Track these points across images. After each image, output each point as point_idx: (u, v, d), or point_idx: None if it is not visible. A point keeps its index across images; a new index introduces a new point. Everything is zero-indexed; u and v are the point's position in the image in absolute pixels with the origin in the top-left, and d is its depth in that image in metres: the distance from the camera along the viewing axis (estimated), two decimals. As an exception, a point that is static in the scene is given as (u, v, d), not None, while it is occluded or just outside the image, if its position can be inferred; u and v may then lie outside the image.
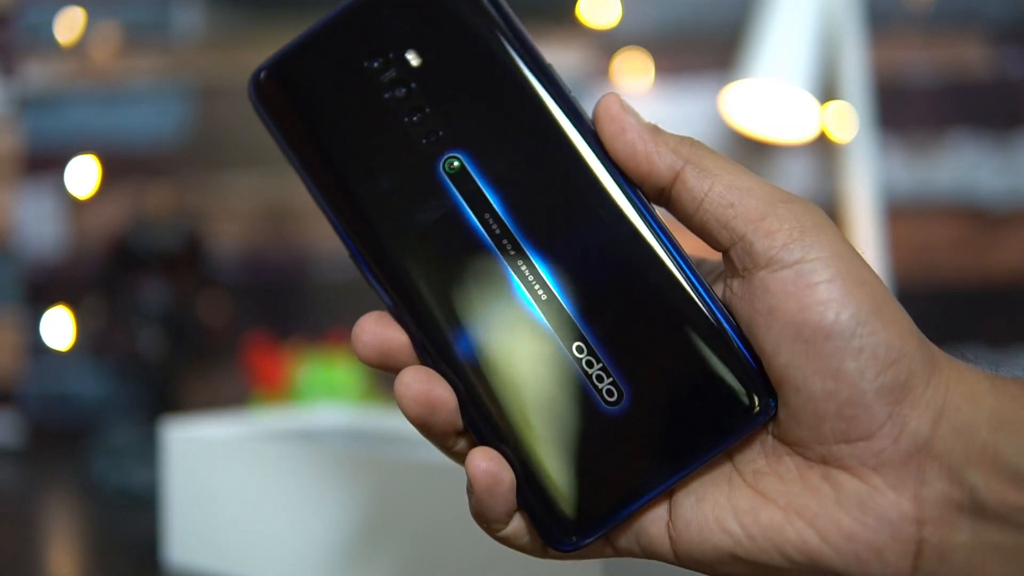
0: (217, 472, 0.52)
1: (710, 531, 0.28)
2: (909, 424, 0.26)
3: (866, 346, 0.26)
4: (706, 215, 0.28)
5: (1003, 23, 0.95)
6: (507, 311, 0.28)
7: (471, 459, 0.28)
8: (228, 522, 0.52)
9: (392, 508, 0.46)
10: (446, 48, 0.30)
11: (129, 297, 0.87)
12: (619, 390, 0.28)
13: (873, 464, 0.26)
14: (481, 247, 0.29)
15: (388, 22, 0.30)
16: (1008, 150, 0.94)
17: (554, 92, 0.29)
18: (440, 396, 0.28)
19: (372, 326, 0.29)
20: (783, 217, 0.27)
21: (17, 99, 1.06)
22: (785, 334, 0.26)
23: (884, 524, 0.26)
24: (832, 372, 0.26)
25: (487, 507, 0.28)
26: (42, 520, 0.70)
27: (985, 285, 0.94)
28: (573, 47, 0.98)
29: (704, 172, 0.28)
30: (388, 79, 0.30)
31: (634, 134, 0.29)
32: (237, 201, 1.03)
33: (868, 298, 0.26)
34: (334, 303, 1.01)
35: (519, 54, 0.30)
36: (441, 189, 0.29)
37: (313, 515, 0.48)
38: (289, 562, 0.49)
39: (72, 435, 1.01)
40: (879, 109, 0.93)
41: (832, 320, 0.26)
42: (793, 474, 0.27)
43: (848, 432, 0.26)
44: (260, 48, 1.01)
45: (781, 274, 0.27)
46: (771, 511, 0.27)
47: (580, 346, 0.28)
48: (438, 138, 0.29)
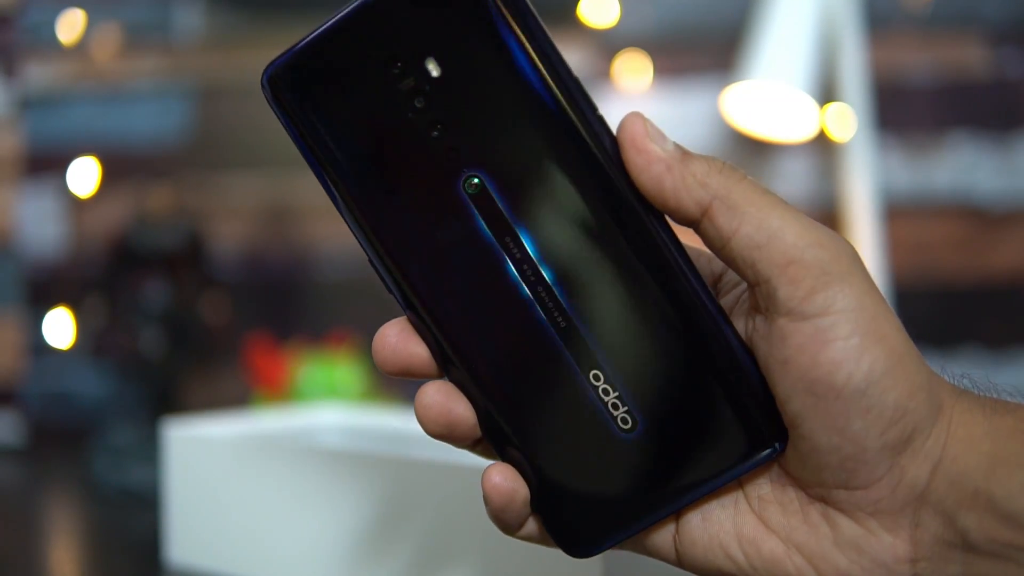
0: (218, 472, 0.53)
1: (714, 555, 0.29)
2: (907, 474, 0.27)
3: (874, 407, 0.26)
4: (733, 253, 0.27)
5: (1002, 24, 0.95)
6: (527, 334, 0.29)
7: (487, 476, 0.29)
8: (229, 522, 0.52)
9: (392, 508, 0.46)
10: (467, 58, 0.28)
11: (130, 297, 0.87)
12: (633, 419, 0.29)
13: (870, 511, 0.27)
14: (502, 269, 0.29)
15: (409, 24, 0.28)
16: (1007, 150, 0.94)
17: (580, 113, 0.28)
18: (460, 415, 0.29)
19: (393, 340, 0.29)
20: (810, 265, 0.26)
21: (18, 99, 1.06)
22: (798, 387, 0.27)
23: (879, 566, 0.27)
24: (839, 429, 0.27)
25: (501, 520, 0.29)
26: (43, 519, 0.71)
27: (984, 285, 0.94)
28: (574, 48, 0.98)
29: (733, 210, 0.27)
30: (406, 88, 0.28)
31: (661, 167, 0.28)
32: (238, 201, 1.03)
33: (884, 355, 0.26)
34: (335, 303, 1.01)
35: (545, 69, 0.28)
36: (462, 208, 0.28)
37: (313, 515, 0.49)
38: (289, 562, 0.50)
39: (73, 435, 1.01)
40: (878, 109, 0.93)
41: (843, 382, 0.26)
42: (795, 506, 0.29)
43: (847, 482, 0.27)
44: (261, 49, 1.02)
45: (800, 326, 0.26)
46: (773, 544, 0.28)
47: (597, 374, 0.29)
48: (457, 155, 0.28)
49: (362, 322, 0.94)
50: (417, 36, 0.28)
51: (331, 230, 1.01)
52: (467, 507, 0.44)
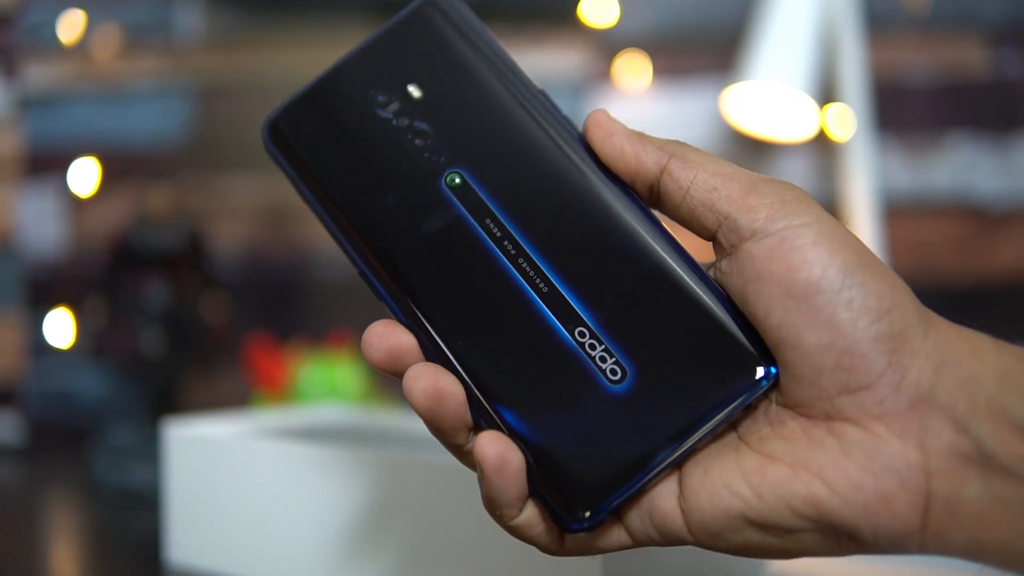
0: (218, 472, 0.53)
1: (719, 496, 0.28)
2: (909, 373, 0.26)
3: (856, 297, 0.27)
4: (692, 201, 0.29)
5: (1001, 24, 0.95)
6: (511, 304, 0.30)
7: (479, 442, 0.28)
8: (229, 522, 0.52)
9: (393, 508, 0.46)
10: (442, 80, 0.33)
11: (130, 297, 0.87)
12: (622, 369, 0.29)
13: (876, 413, 0.26)
14: (484, 249, 0.31)
15: (390, 62, 0.33)
16: (1006, 151, 0.94)
17: (540, 108, 0.32)
18: (448, 388, 0.29)
19: (381, 329, 0.31)
20: (764, 193, 0.28)
21: (18, 99, 1.06)
22: (775, 295, 0.27)
23: (891, 472, 0.26)
24: (825, 324, 0.27)
25: (498, 489, 0.28)
26: (43, 519, 0.71)
27: (983, 285, 0.94)
28: (574, 49, 0.98)
29: (688, 163, 0.30)
30: (392, 111, 0.33)
31: (621, 137, 0.31)
32: (238, 201, 1.03)
33: (854, 255, 0.27)
34: (335, 303, 1.01)
35: (505, 78, 0.33)
36: (444, 202, 0.32)
37: (314, 515, 0.49)
38: (290, 562, 0.50)
39: (73, 434, 1.01)
40: (878, 109, 0.94)
41: (820, 274, 0.27)
42: (798, 434, 0.28)
43: (848, 382, 0.27)
44: (261, 49, 1.02)
45: (766, 241, 0.28)
46: (778, 468, 0.27)
47: (582, 331, 0.30)
48: (440, 158, 0.32)
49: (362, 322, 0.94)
50: (397, 69, 0.33)
51: (331, 230, 1.01)
52: (467, 507, 0.44)
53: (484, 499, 0.29)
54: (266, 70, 1.02)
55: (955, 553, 0.27)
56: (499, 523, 0.30)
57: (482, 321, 0.30)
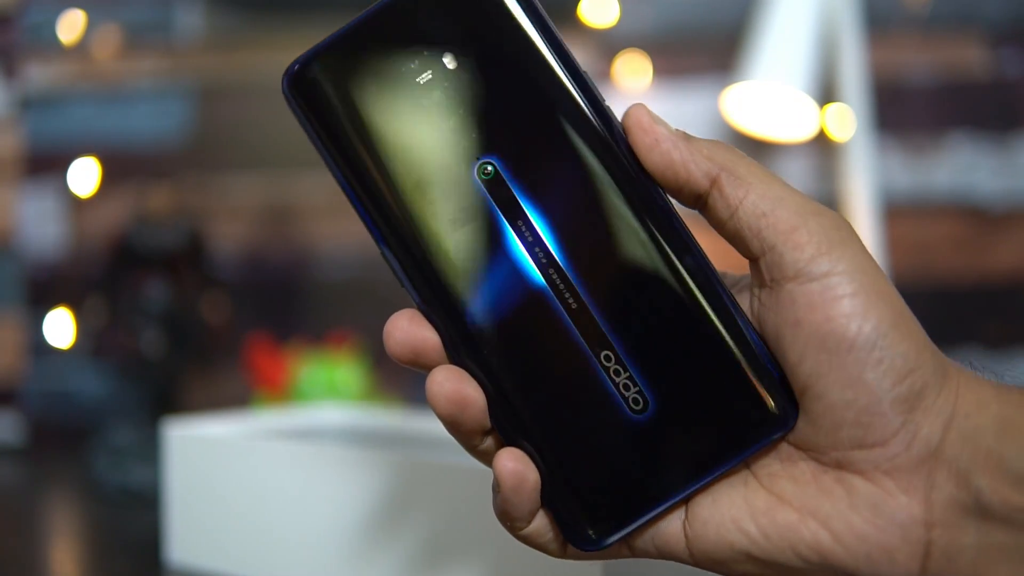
0: (218, 472, 0.53)
1: (727, 530, 0.28)
2: (921, 431, 0.27)
3: (885, 358, 0.27)
4: (739, 223, 0.29)
5: (1001, 24, 0.95)
6: (538, 316, 0.29)
7: (499, 459, 0.29)
8: (229, 522, 0.52)
9: (393, 508, 0.46)
10: (482, 52, 0.29)
11: (130, 297, 0.87)
12: (644, 399, 0.29)
13: (886, 469, 0.27)
14: (513, 253, 0.29)
15: (425, 22, 0.30)
16: (1006, 151, 0.94)
17: (587, 101, 0.29)
18: (471, 395, 0.29)
19: (405, 324, 0.30)
20: (813, 231, 0.28)
21: (18, 99, 1.06)
22: (810, 345, 0.27)
23: (895, 526, 0.27)
24: (852, 381, 0.27)
25: (512, 506, 0.29)
26: (43, 519, 0.71)
27: (983, 285, 0.94)
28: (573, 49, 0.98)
29: (739, 180, 0.29)
30: (424, 80, 0.29)
31: (669, 144, 0.29)
32: (238, 201, 1.03)
33: (888, 311, 0.27)
34: (335, 303, 1.01)
35: (554, 61, 0.30)
36: (475, 194, 0.29)
37: (314, 515, 0.49)
38: (290, 562, 0.50)
39: (73, 434, 1.01)
40: (878, 109, 0.93)
41: (855, 332, 0.27)
42: (807, 477, 0.28)
43: (864, 438, 0.27)
44: (261, 49, 1.02)
45: (808, 287, 0.28)
46: (787, 512, 0.28)
47: (608, 354, 0.29)
48: (471, 142, 0.29)
49: (362, 322, 0.94)
50: (434, 32, 0.29)
51: (331, 230, 1.01)
52: (468, 508, 0.44)
53: (497, 510, 0.30)
54: (266, 70, 1.02)
55: None
56: (508, 531, 0.30)
57: (507, 328, 0.29)
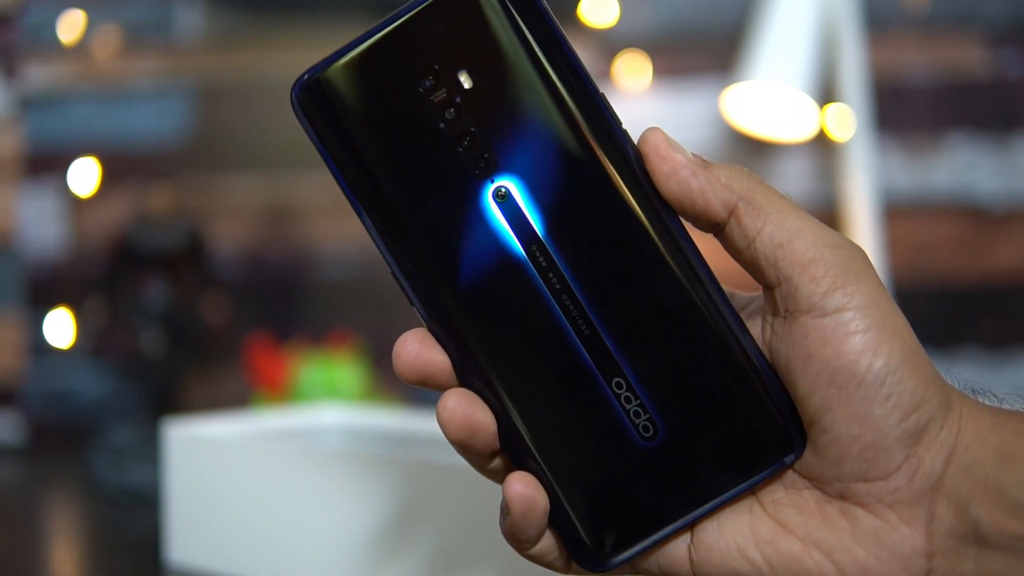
0: (218, 472, 0.53)
1: (731, 557, 0.29)
2: (924, 464, 0.28)
3: (893, 394, 0.27)
4: (756, 252, 0.29)
5: (1001, 24, 0.95)
6: (550, 342, 0.29)
7: (509, 484, 0.29)
8: (229, 522, 0.52)
9: (393, 508, 0.46)
10: (498, 72, 0.29)
11: (130, 297, 0.87)
12: (654, 426, 0.29)
13: (888, 501, 0.28)
14: (526, 278, 0.29)
15: (441, 39, 0.29)
16: (1006, 150, 0.94)
17: (603, 125, 0.29)
18: (482, 421, 0.29)
19: (415, 347, 0.29)
20: (829, 264, 0.28)
21: (18, 99, 1.06)
22: (821, 379, 0.28)
23: (898, 558, 0.28)
24: (860, 417, 0.27)
25: (521, 530, 0.29)
26: (43, 519, 0.71)
27: (983, 285, 0.94)
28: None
29: (757, 210, 0.29)
30: (438, 99, 0.29)
31: (687, 172, 0.29)
32: (238, 201, 1.03)
33: (899, 348, 0.28)
34: (335, 303, 1.01)
35: (571, 83, 0.29)
36: (489, 217, 0.29)
37: (313, 515, 0.49)
38: (290, 562, 0.50)
39: (74, 434, 1.01)
40: (878, 109, 0.93)
41: (865, 369, 0.27)
42: (811, 506, 0.29)
43: (867, 472, 0.28)
44: (261, 49, 1.02)
45: (822, 321, 0.28)
46: (791, 542, 0.29)
47: (619, 381, 0.29)
48: (486, 164, 0.29)
49: (362, 322, 0.94)
50: (450, 50, 0.29)
51: (331, 230, 1.01)
52: (468, 508, 0.44)
53: (504, 532, 0.30)
54: (266, 70, 1.02)
55: None
56: (515, 550, 0.31)
57: (519, 354, 0.29)
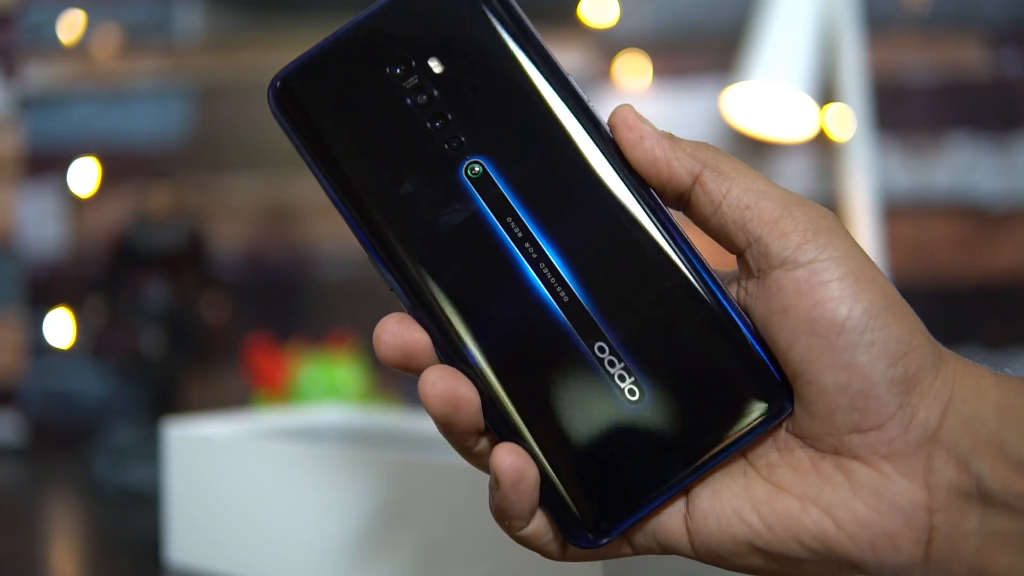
0: (218, 472, 0.53)
1: (728, 522, 0.28)
2: (918, 414, 0.27)
3: (877, 340, 0.27)
4: (724, 217, 0.29)
5: (1001, 24, 0.95)
6: (530, 311, 0.29)
7: (496, 455, 0.28)
8: (229, 522, 0.52)
9: (393, 508, 0.46)
10: (467, 56, 0.30)
11: (130, 297, 0.87)
12: (640, 389, 0.29)
13: (884, 453, 0.27)
14: (504, 250, 0.29)
15: (410, 29, 0.30)
16: (1006, 150, 0.94)
17: (572, 100, 0.30)
18: (465, 395, 0.28)
19: (394, 326, 0.29)
20: (797, 219, 0.28)
21: (18, 99, 1.06)
22: (799, 330, 0.27)
23: (897, 511, 0.27)
24: (845, 365, 0.27)
25: (512, 503, 0.28)
26: (43, 519, 0.71)
27: (983, 285, 0.94)
28: (573, 49, 0.98)
29: (722, 175, 0.29)
30: (410, 85, 0.30)
31: (652, 141, 0.30)
32: (238, 201, 1.03)
33: (879, 295, 0.27)
34: (335, 303, 1.01)
35: (538, 63, 0.30)
36: (463, 194, 0.29)
37: (314, 515, 0.49)
38: (290, 562, 0.50)
39: (73, 434, 1.01)
40: (878, 109, 0.93)
41: (845, 315, 0.27)
42: (806, 465, 0.28)
43: (860, 422, 0.27)
44: (261, 49, 1.02)
45: (795, 273, 0.28)
46: (787, 501, 0.28)
47: (602, 346, 0.29)
48: (460, 144, 0.30)
49: (362, 322, 0.94)
50: (420, 38, 0.30)
51: (331, 230, 1.01)
52: (467, 508, 0.44)
53: (494, 509, 0.29)
54: (266, 70, 1.02)
55: None
56: (507, 532, 0.30)
57: (499, 326, 0.29)
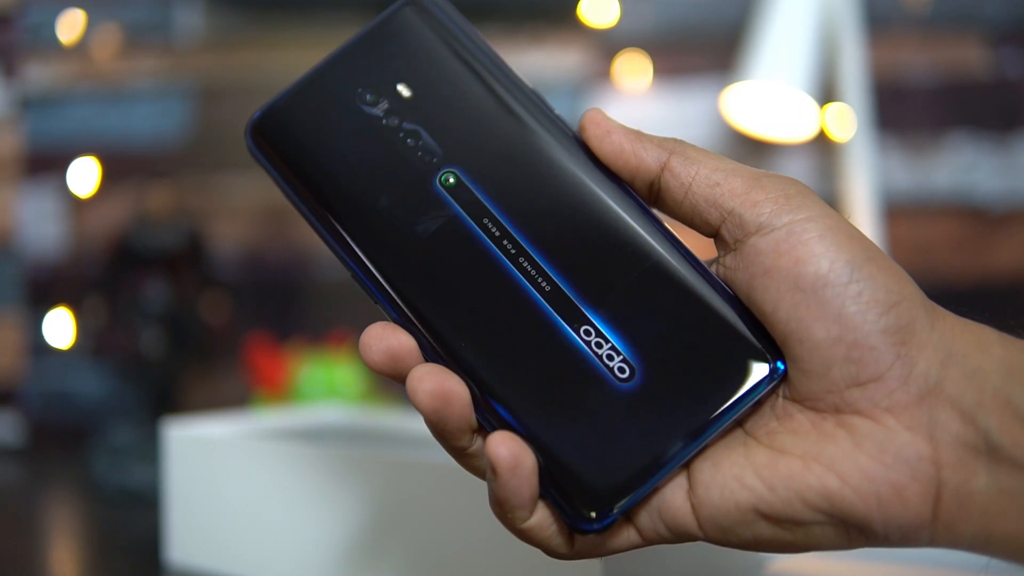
0: (218, 472, 0.53)
1: (730, 490, 0.28)
2: (917, 365, 0.27)
3: (864, 289, 0.27)
4: (695, 198, 0.29)
5: (1001, 24, 0.95)
6: (513, 304, 0.30)
7: (491, 442, 0.28)
8: (229, 522, 0.52)
9: (393, 508, 0.46)
10: (431, 78, 0.32)
11: (130, 297, 0.87)
12: (630, 366, 0.29)
13: (886, 405, 0.27)
14: (483, 249, 0.30)
15: (376, 62, 0.33)
16: (1006, 150, 0.94)
17: (533, 105, 0.32)
18: (454, 389, 0.28)
19: (380, 331, 0.30)
20: (767, 188, 0.28)
21: (18, 99, 1.06)
22: (783, 289, 0.27)
23: (903, 463, 0.26)
24: (834, 317, 0.27)
25: (511, 490, 0.28)
26: (43, 519, 0.71)
27: (983, 285, 0.94)
28: (573, 49, 0.98)
29: (689, 159, 0.30)
30: (382, 110, 0.32)
31: (619, 135, 0.31)
32: (238, 201, 1.03)
33: (860, 248, 0.27)
34: (335, 303, 1.01)
35: (497, 76, 0.32)
36: (439, 202, 0.31)
37: (314, 515, 0.49)
38: (290, 562, 0.50)
39: (73, 434, 1.01)
40: (878, 109, 0.94)
41: (827, 268, 0.27)
42: (807, 428, 0.28)
43: (858, 374, 0.27)
44: (261, 49, 1.02)
45: (772, 236, 0.28)
46: (789, 461, 0.27)
47: (588, 329, 0.29)
48: (433, 157, 0.31)
49: (362, 322, 0.94)
50: (386, 68, 0.33)
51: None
52: (468, 508, 0.44)
53: (494, 502, 0.29)
54: (266, 70, 1.02)
55: (964, 545, 0.27)
56: (509, 527, 0.29)
57: (485, 322, 0.30)
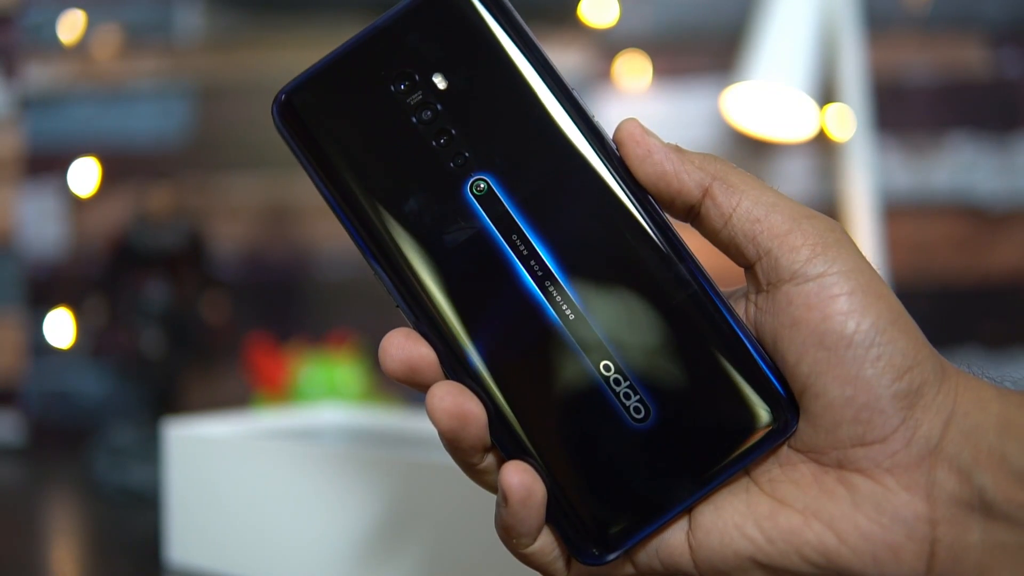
0: (218, 472, 0.53)
1: (730, 537, 0.28)
2: (921, 427, 0.27)
3: (884, 354, 0.27)
4: (734, 230, 0.29)
5: (1001, 24, 0.95)
6: (535, 329, 0.29)
7: (505, 472, 0.28)
8: (229, 522, 0.52)
9: (393, 508, 0.46)
10: (472, 72, 0.30)
11: (131, 297, 0.87)
12: (646, 407, 0.29)
13: (887, 466, 0.27)
14: (509, 268, 0.29)
15: (414, 45, 0.30)
16: (1006, 150, 0.94)
17: (577, 115, 0.30)
18: (472, 410, 0.29)
19: (400, 340, 0.29)
20: (807, 232, 0.28)
21: (18, 99, 1.06)
22: (809, 343, 0.28)
23: (899, 523, 0.27)
24: (852, 378, 0.27)
25: (519, 520, 0.29)
26: (43, 519, 0.71)
27: (983, 285, 0.94)
28: (573, 49, 0.98)
29: (732, 188, 0.29)
30: (415, 101, 0.30)
31: (661, 155, 0.30)
32: (238, 201, 1.03)
33: (886, 310, 0.28)
34: (335, 303, 1.01)
35: (543, 78, 0.30)
36: (468, 211, 0.29)
37: (314, 515, 0.49)
38: (290, 562, 0.50)
39: (74, 434, 1.01)
40: (878, 109, 0.93)
41: (853, 329, 0.27)
42: (808, 480, 0.28)
43: (864, 435, 0.27)
44: (261, 49, 1.02)
45: (805, 287, 0.28)
46: (789, 515, 0.28)
47: (608, 364, 0.29)
48: (465, 160, 0.30)
49: (362, 322, 0.94)
50: (424, 54, 0.30)
51: (331, 230, 1.01)
52: (468, 508, 0.44)
53: (500, 527, 0.29)
54: (266, 70, 1.02)
55: None
56: (512, 551, 0.30)
57: (506, 344, 0.29)
